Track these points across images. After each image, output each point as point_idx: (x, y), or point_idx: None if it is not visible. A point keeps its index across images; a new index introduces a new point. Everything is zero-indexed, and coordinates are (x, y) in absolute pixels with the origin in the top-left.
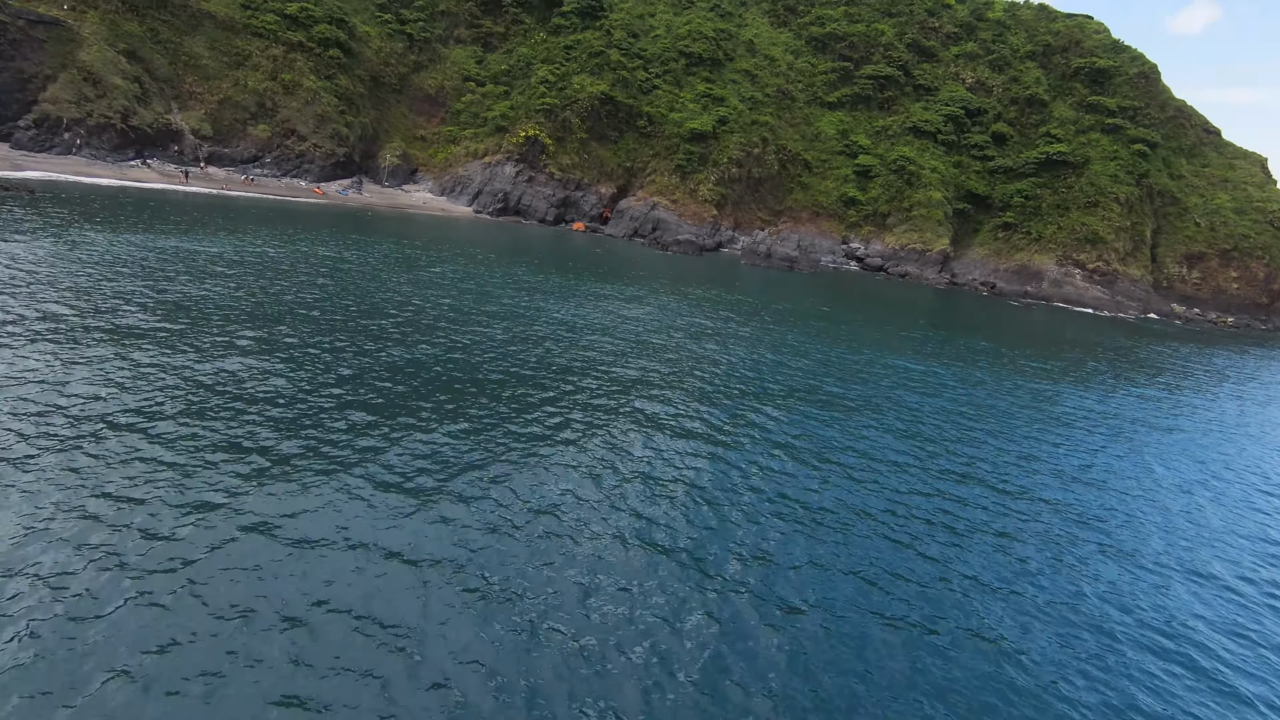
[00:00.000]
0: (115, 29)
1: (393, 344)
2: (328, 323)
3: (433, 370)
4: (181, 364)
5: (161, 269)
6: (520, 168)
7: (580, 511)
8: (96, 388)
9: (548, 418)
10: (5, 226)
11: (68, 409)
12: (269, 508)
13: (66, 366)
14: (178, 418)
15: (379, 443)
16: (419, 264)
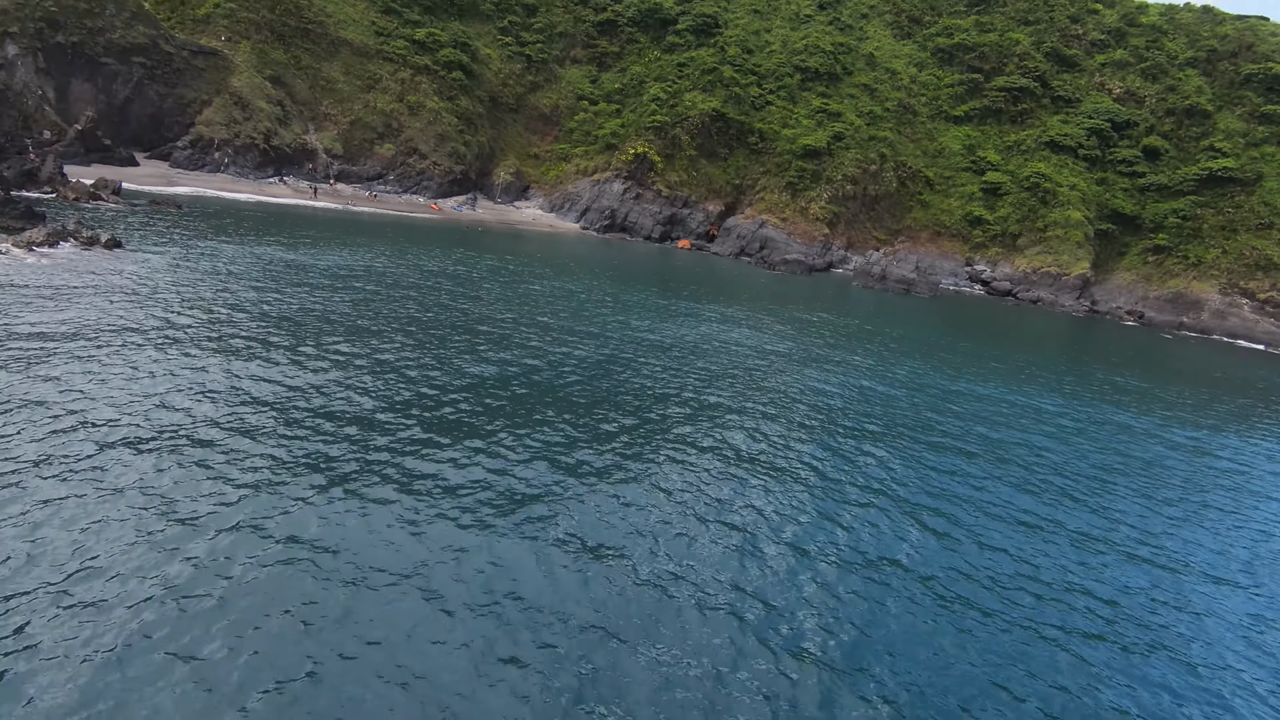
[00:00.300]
0: (263, 57)
1: (482, 360)
2: (421, 336)
3: (517, 388)
4: (276, 376)
5: (276, 280)
6: (628, 185)
7: (651, 563)
8: (191, 394)
9: (628, 446)
10: (146, 237)
11: (151, 414)
12: (329, 524)
13: (169, 373)
14: (263, 429)
15: (452, 463)
16: (519, 279)
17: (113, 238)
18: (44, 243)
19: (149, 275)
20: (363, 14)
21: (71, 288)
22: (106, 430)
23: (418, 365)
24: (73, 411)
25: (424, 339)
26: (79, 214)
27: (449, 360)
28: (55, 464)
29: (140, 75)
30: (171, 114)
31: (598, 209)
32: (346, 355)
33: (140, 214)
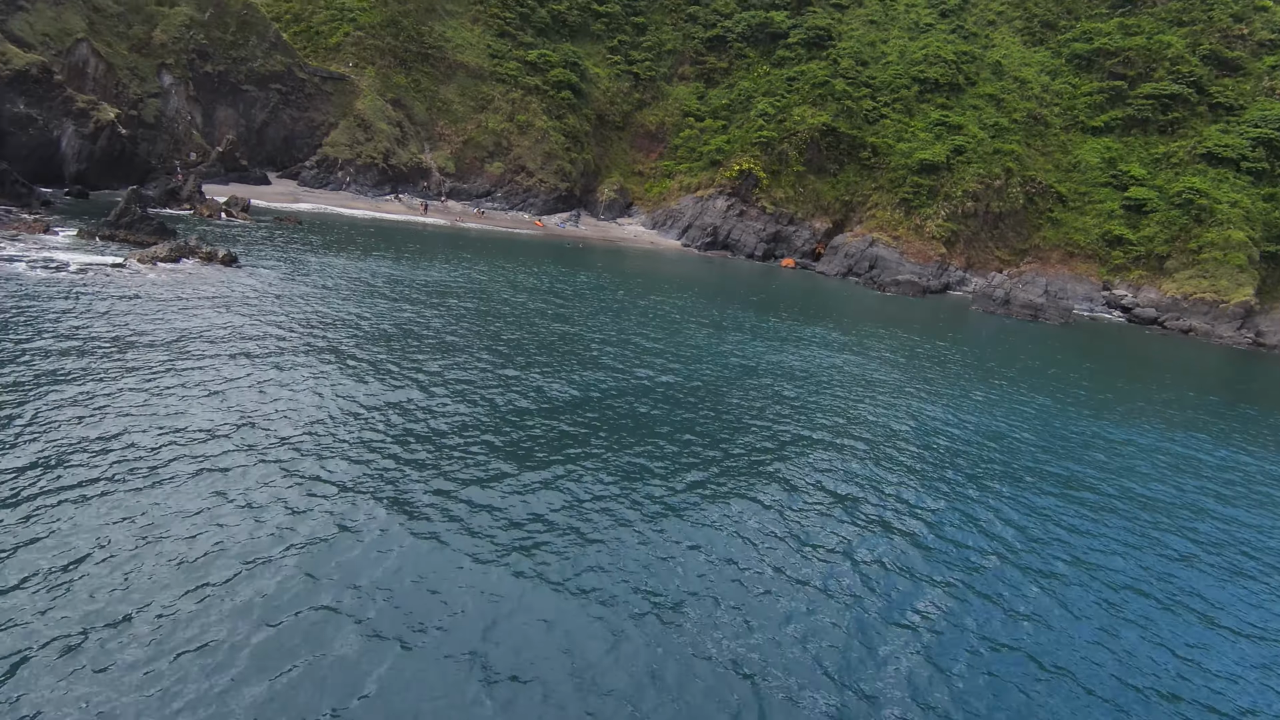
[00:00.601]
0: (386, 81)
1: (565, 381)
2: (508, 355)
3: (598, 413)
4: (359, 393)
5: (377, 295)
6: (732, 202)
7: (729, 635)
8: (275, 409)
9: (710, 483)
10: (263, 252)
11: (232, 428)
12: (378, 557)
13: (257, 387)
14: (336, 447)
15: (519, 495)
16: (614, 297)
17: (229, 254)
18: (166, 258)
19: (257, 290)
20: (479, 38)
21: (183, 299)
22: (171, 444)
23: (500, 385)
24: (157, 420)
25: (510, 357)
26: (208, 229)
27: (532, 381)
28: (131, 472)
29: (276, 101)
30: (302, 136)
31: (699, 226)
32: (432, 374)
33: (264, 229)
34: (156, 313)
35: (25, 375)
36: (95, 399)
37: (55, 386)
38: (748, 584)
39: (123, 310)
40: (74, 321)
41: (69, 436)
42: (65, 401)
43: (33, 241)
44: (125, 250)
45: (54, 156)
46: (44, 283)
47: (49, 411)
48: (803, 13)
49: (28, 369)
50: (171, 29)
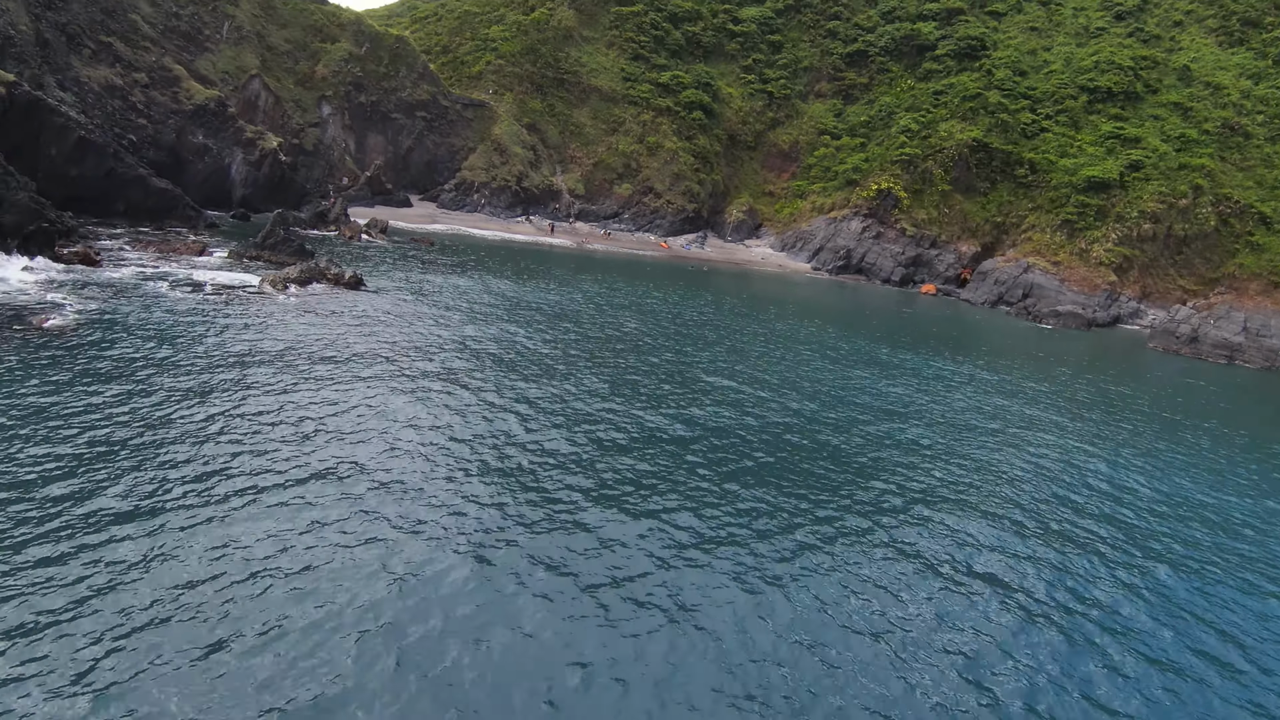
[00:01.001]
0: (523, 106)
1: (674, 413)
2: (618, 383)
3: (708, 449)
4: (459, 422)
5: (496, 317)
6: (868, 223)
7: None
8: (376, 432)
9: (825, 543)
10: (392, 273)
11: (329, 451)
12: (462, 598)
13: (362, 406)
14: (436, 475)
15: (611, 543)
16: (734, 323)
17: (355, 276)
18: (297, 279)
19: (374, 314)
20: (613, 62)
21: (302, 322)
22: (262, 472)
23: (605, 418)
24: (243, 444)
25: (619, 388)
26: (348, 250)
27: (637, 414)
28: (225, 496)
29: (421, 127)
30: (443, 160)
31: (832, 248)
32: (535, 402)
33: (398, 250)
34: (272, 333)
35: (143, 390)
36: (206, 416)
37: (168, 404)
38: (873, 686)
39: (242, 330)
40: (197, 341)
41: (175, 457)
42: (175, 419)
43: (186, 261)
44: (266, 270)
45: (224, 182)
46: (179, 302)
47: (156, 430)
48: (953, 23)
49: (146, 385)
50: (332, 63)
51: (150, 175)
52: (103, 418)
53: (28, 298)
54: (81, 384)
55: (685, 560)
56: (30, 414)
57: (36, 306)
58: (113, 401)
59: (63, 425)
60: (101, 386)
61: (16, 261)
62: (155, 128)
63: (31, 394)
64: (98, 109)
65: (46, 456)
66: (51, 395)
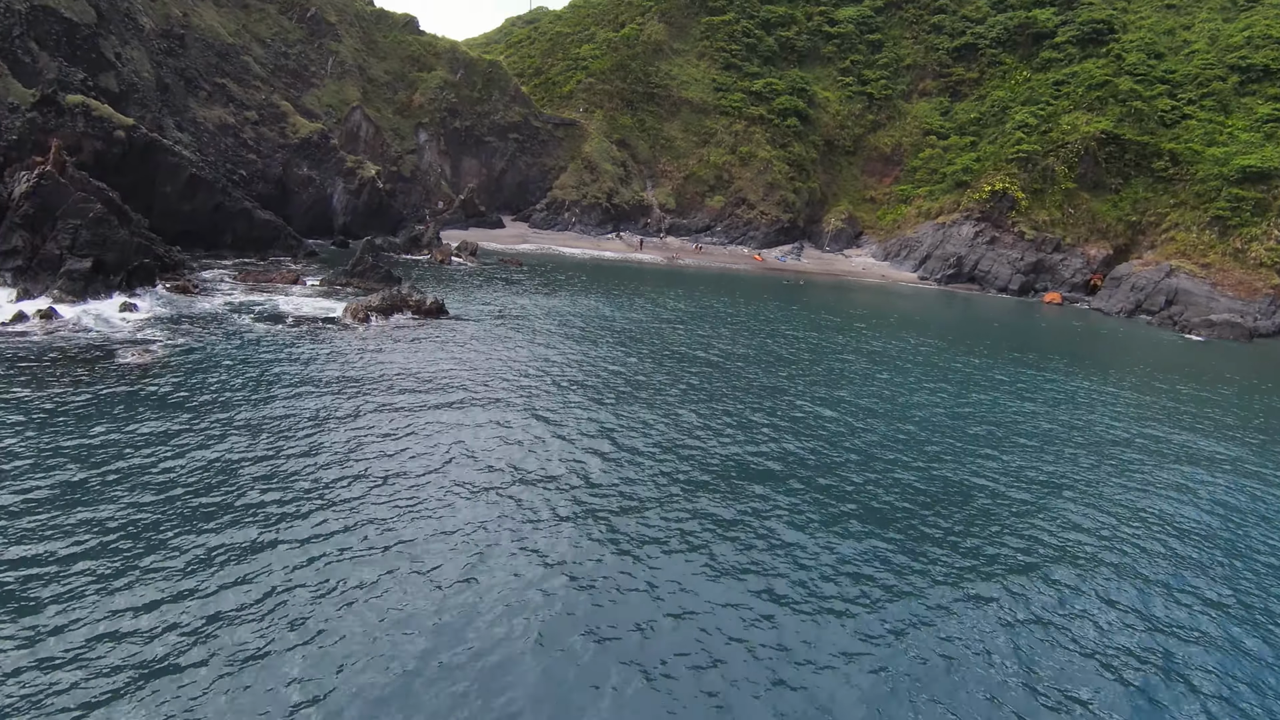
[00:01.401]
0: (612, 123)
1: (769, 443)
2: (707, 411)
3: (802, 485)
4: (536, 456)
5: (577, 336)
6: (981, 227)
7: None
8: (453, 460)
9: (930, 605)
10: (479, 293)
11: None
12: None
13: (434, 438)
14: (518, 516)
15: (717, 579)
16: (832, 341)
17: (437, 302)
18: (379, 308)
19: (454, 343)
20: (704, 73)
21: (381, 352)
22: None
23: (693, 451)
24: (308, 475)
25: (708, 417)
26: (439, 272)
27: (728, 445)
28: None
29: (513, 149)
30: (535, 180)
31: (940, 256)
32: (621, 432)
33: (488, 271)
34: (345, 366)
35: (205, 427)
36: (266, 454)
37: (225, 442)
38: None
39: (313, 362)
40: (268, 378)
41: (233, 497)
42: (235, 459)
43: (279, 290)
44: (354, 297)
45: (326, 211)
46: (261, 336)
47: (210, 472)
48: (1074, 7)
49: (210, 422)
50: (428, 91)
51: (255, 208)
52: (163, 452)
53: (122, 335)
54: (150, 418)
55: (781, 626)
56: (103, 446)
57: (128, 343)
58: (170, 435)
59: (116, 459)
60: (166, 421)
61: (116, 300)
62: (264, 162)
63: (104, 429)
64: (212, 147)
65: (86, 494)
66: (118, 430)
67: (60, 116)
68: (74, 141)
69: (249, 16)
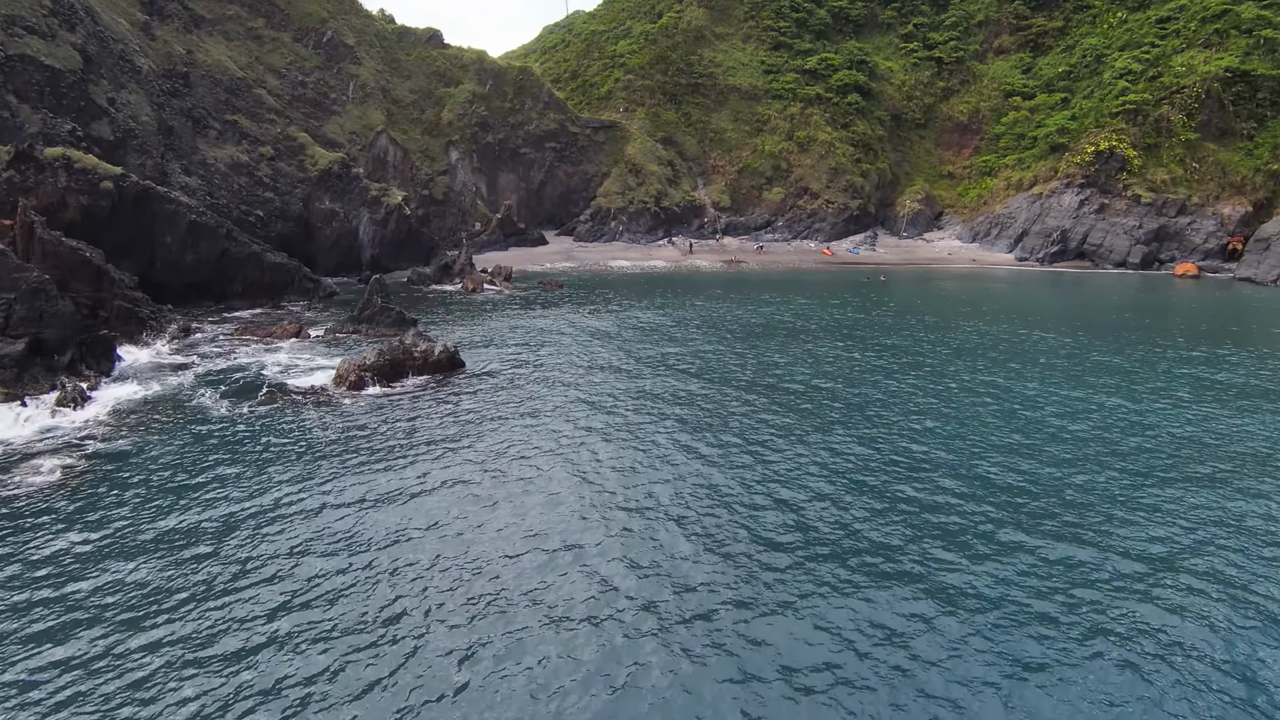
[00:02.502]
0: (655, 120)
1: (872, 486)
2: (787, 459)
3: (911, 529)
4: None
5: (619, 381)
6: (1086, 194)
7: None
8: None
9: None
10: (508, 332)
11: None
12: None
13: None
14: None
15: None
16: (928, 347)
17: (449, 353)
18: (376, 367)
19: (464, 419)
20: (751, 55)
21: (357, 445)
22: None
23: (758, 482)
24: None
25: (792, 471)
26: (470, 302)
27: (792, 477)
28: None
29: (551, 159)
30: (577, 190)
31: (1040, 231)
32: (684, 474)
33: (522, 299)
34: (305, 483)
35: (87, 595)
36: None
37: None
38: None
39: (267, 469)
40: (201, 502)
41: None
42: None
43: (273, 347)
44: (357, 349)
45: (353, 244)
46: (215, 423)
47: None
48: None
49: (90, 583)
50: (456, 106)
51: (264, 251)
52: None
53: (46, 440)
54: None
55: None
56: None
57: (47, 452)
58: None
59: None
60: (19, 590)
61: (52, 396)
62: (282, 199)
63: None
64: (224, 189)
65: None
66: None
67: (40, 173)
68: (56, 198)
69: (261, 48)
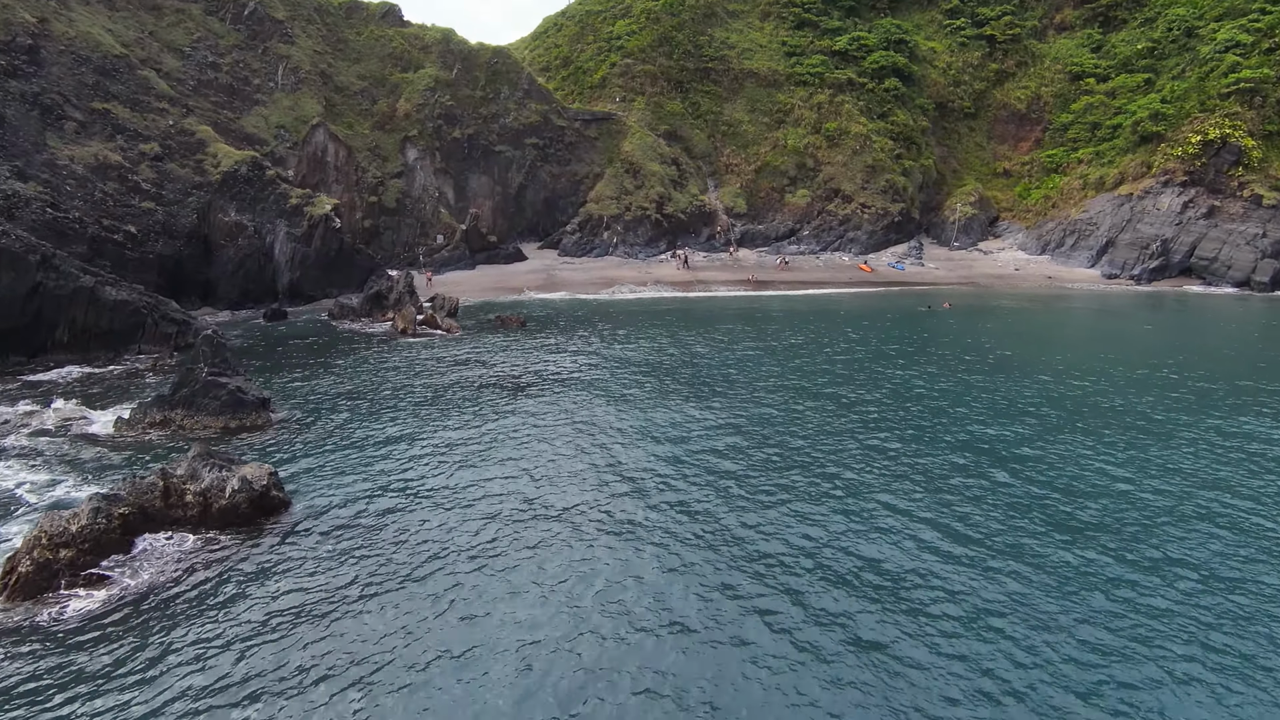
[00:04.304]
0: (658, 111)
1: None
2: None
3: None
4: None
5: (542, 503)
6: (1191, 195)
7: None
8: None
9: None
10: (410, 406)
11: None
12: None
13: None
14: None
15: None
16: (1019, 423)
17: (259, 491)
18: (90, 544)
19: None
20: (770, 36)
21: None
22: None
23: None
24: None
25: None
26: (386, 357)
27: None
28: None
29: (533, 157)
30: (564, 194)
31: (1132, 241)
32: None
33: (462, 349)
34: None
35: None
36: None
37: None
38: None
39: None
40: None
41: None
42: None
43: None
44: (127, 471)
45: (264, 267)
46: None
47: None
48: None
49: None
50: (415, 95)
51: (101, 284)
52: None
53: None
54: None
55: None
56: None
57: None
58: None
59: None
60: None
61: None
62: (168, 210)
63: None
64: (79, 197)
65: None
66: None
67: None
68: None
69: (160, 20)
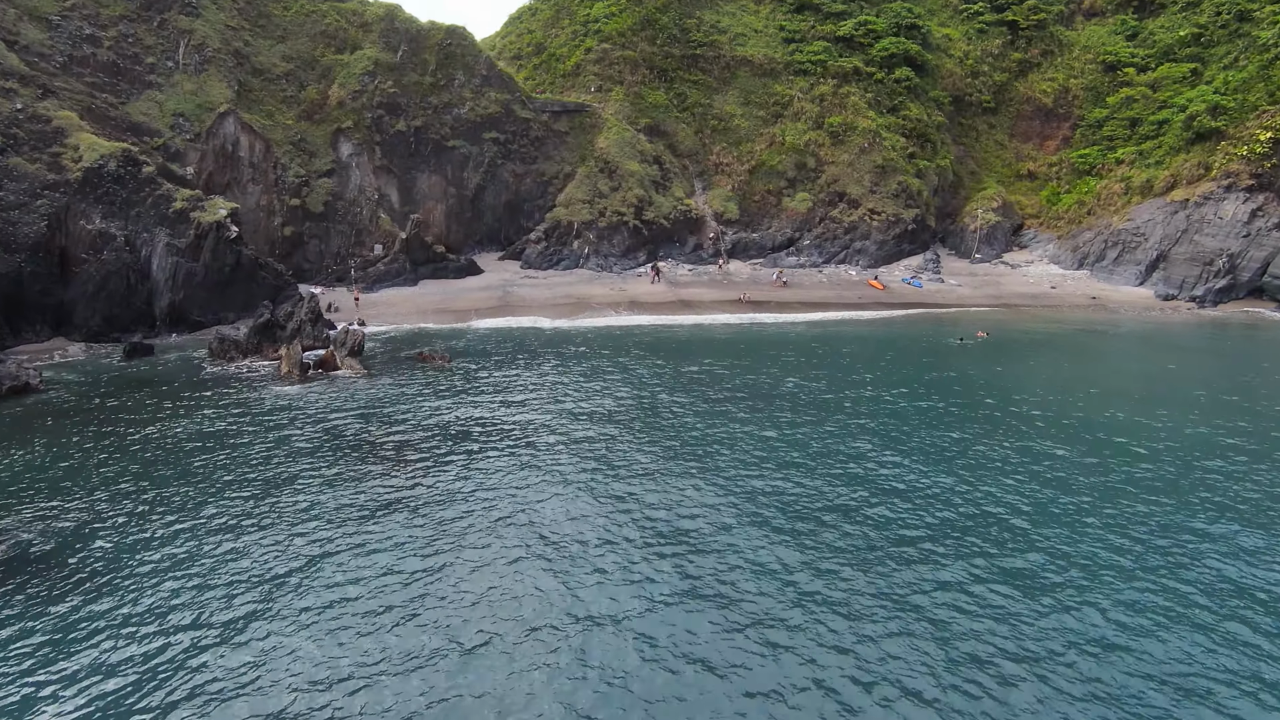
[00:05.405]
0: (638, 103)
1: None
2: None
3: None
4: None
5: None
6: (1260, 201)
7: None
8: None
9: None
10: (261, 478)
11: None
12: None
13: None
14: None
15: None
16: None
17: None
18: None
19: None
20: (767, 20)
21: None
22: None
23: None
24: None
25: None
26: (241, 426)
27: None
28: None
29: (493, 154)
30: (529, 197)
31: (1191, 256)
32: None
33: (351, 403)
34: None
35: None
36: None
37: None
38: None
39: None
40: None
41: None
42: None
43: None
44: None
45: (137, 287)
46: None
47: None
48: None
49: None
50: (351, 80)
51: None
52: None
53: None
54: None
55: None
56: None
57: None
58: None
59: None
60: None
61: None
62: (6, 216)
63: None
64: None
65: None
66: None
67: None
68: None
69: None
